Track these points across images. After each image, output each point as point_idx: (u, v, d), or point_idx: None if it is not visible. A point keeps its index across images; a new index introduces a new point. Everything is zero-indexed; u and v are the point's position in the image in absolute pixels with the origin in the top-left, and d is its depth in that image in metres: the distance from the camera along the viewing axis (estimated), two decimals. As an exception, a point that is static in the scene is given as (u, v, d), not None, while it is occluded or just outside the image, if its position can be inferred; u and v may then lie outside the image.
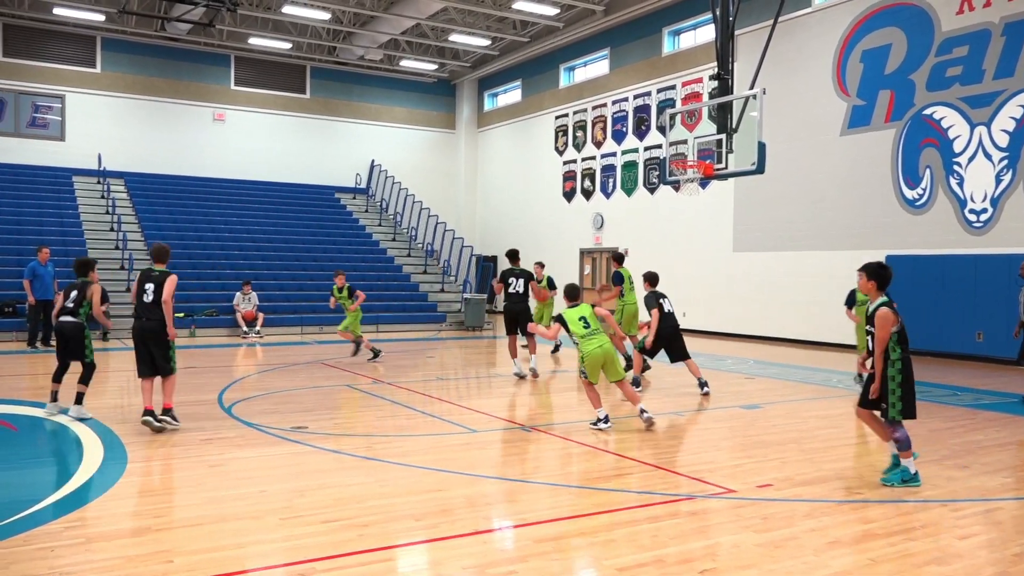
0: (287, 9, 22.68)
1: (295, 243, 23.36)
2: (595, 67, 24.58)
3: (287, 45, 25.93)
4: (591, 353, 8.06)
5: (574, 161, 25.00)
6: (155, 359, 7.90)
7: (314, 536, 4.81)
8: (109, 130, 24.71)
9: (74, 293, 8.58)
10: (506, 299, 12.38)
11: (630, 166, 22.80)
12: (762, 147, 12.28)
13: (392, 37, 25.12)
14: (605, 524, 5.12)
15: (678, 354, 10.74)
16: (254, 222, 23.99)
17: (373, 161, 28.58)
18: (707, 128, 17.51)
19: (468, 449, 7.35)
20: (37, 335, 15.58)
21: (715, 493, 5.81)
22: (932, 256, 15.18)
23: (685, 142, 16.73)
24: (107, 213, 22.20)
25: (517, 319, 12.18)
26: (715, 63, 14.00)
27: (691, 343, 17.90)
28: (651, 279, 11.32)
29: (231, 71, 26.65)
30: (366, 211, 27.42)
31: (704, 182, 15.77)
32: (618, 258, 13.43)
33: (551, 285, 15.17)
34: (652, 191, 21.99)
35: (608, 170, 23.59)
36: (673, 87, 21.27)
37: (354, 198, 27.95)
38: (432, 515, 5.27)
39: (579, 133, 24.80)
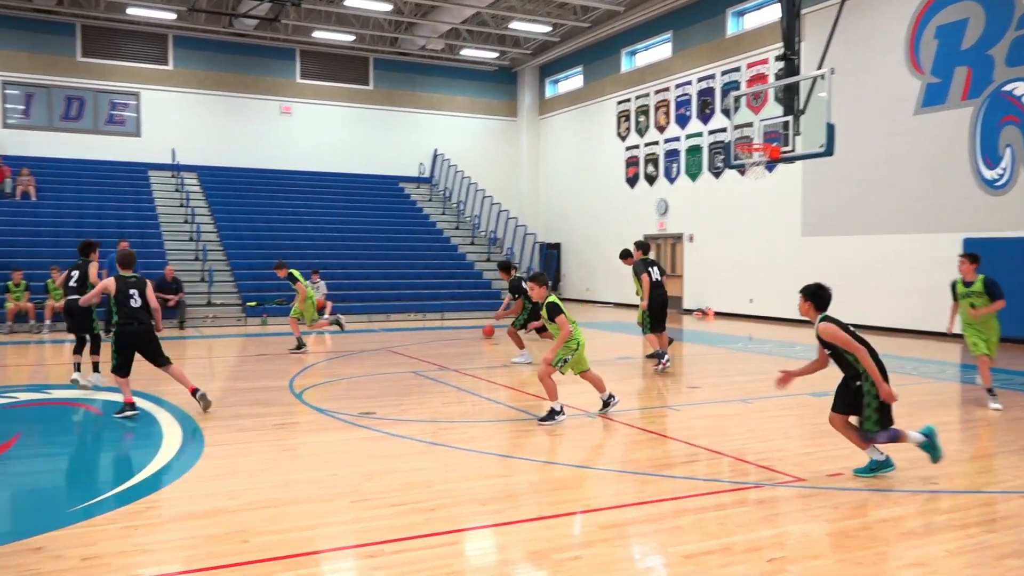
0: (349, 1, 22.95)
1: (361, 232, 23.74)
2: (657, 51, 24.24)
3: (350, 37, 26.28)
4: (584, 343, 7.83)
5: (637, 146, 24.74)
6: (155, 356, 8.12)
7: (382, 519, 4.91)
8: (182, 125, 25.48)
9: (76, 274, 9.46)
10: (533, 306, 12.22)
11: (694, 150, 22.46)
12: (831, 128, 11.98)
13: (453, 26, 25.21)
14: (671, 511, 5.09)
15: (660, 325, 11.41)
16: (321, 212, 24.47)
17: (436, 150, 28.80)
18: (773, 110, 17.16)
19: (532, 435, 7.39)
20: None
21: (784, 482, 5.72)
22: (1014, 239, 14.57)
23: (751, 125, 16.42)
24: (181, 206, 22.93)
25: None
26: (781, 43, 13.69)
27: (759, 329, 17.71)
28: (643, 247, 11.77)
29: (296, 64, 27.15)
30: (430, 200, 27.67)
31: (771, 165, 15.44)
32: (625, 255, 12.86)
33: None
34: (717, 175, 21.62)
35: (672, 155, 23.29)
36: (738, 69, 20.84)
37: (418, 187, 28.24)
38: (497, 500, 5.33)
39: (642, 118, 24.52)
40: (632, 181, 25.00)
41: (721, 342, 15.10)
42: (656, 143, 23.88)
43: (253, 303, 19.02)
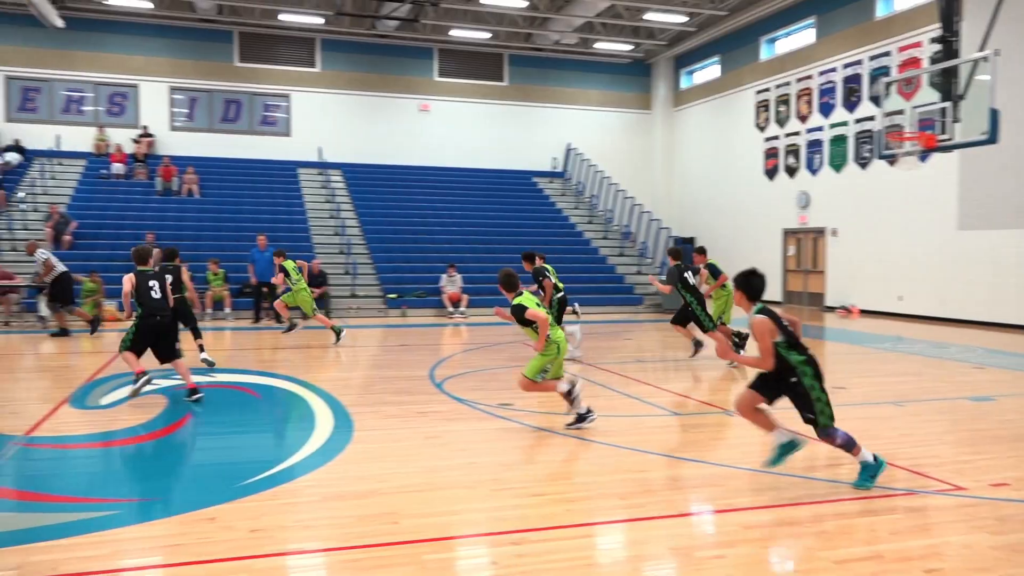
0: (486, -1, 23.35)
1: (496, 227, 24.14)
2: (799, 37, 23.31)
3: (486, 35, 26.73)
4: (565, 341, 7.38)
5: (776, 137, 23.90)
6: (168, 350, 8.52)
7: (523, 508, 5.04)
8: (328, 124, 26.75)
9: (169, 277, 10.19)
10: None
11: (839, 140, 21.46)
12: (995, 114, 11.19)
13: (587, 20, 25.18)
14: (813, 515, 4.95)
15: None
16: (458, 207, 25.07)
17: (569, 145, 28.87)
18: (927, 96, 16.13)
19: (669, 431, 7.35)
20: (260, 312, 17.75)
21: (940, 490, 5.44)
22: None
23: (902, 112, 15.51)
24: (327, 202, 24.08)
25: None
26: (936, 24, 12.89)
27: (910, 328, 16.77)
28: (674, 254, 11.79)
29: (434, 63, 27.90)
30: (563, 195, 27.79)
31: (924, 155, 14.55)
32: (700, 251, 12.68)
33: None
34: (864, 166, 20.59)
35: (814, 145, 22.35)
36: (887, 53, 19.74)
37: (551, 182, 28.41)
38: (636, 494, 5.35)
39: (782, 108, 23.66)
40: (771, 173, 24.18)
41: (867, 341, 14.42)
42: (797, 133, 22.99)
43: (393, 295, 19.74)
